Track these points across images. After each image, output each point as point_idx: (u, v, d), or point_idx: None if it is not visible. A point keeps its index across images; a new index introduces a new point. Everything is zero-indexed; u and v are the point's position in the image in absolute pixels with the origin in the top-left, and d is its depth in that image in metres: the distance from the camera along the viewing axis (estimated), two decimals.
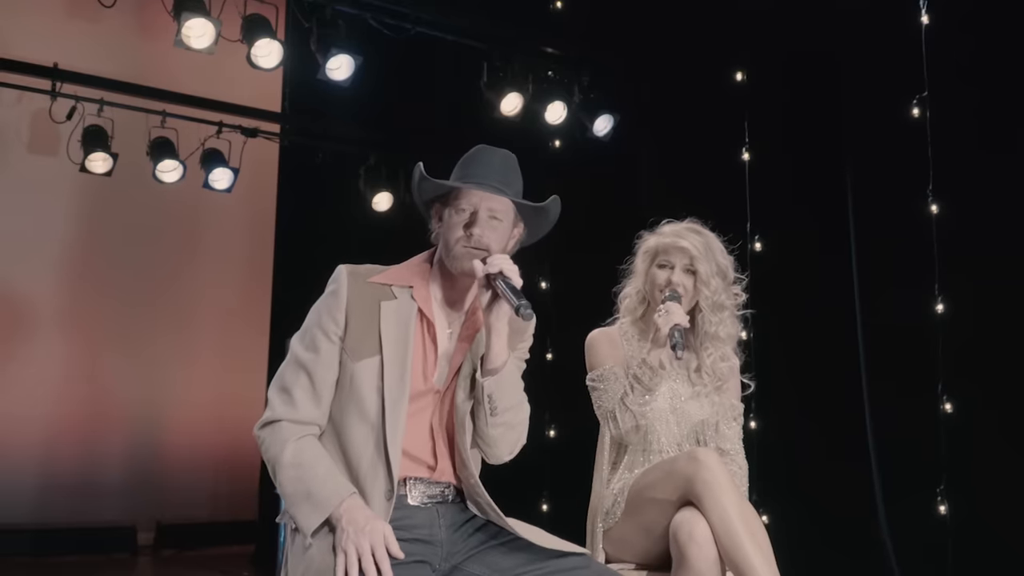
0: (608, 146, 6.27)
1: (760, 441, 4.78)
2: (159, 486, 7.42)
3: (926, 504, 4.42)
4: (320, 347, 2.34)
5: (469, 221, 2.37)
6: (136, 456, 7.44)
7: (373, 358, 2.32)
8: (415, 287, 2.42)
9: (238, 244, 8.08)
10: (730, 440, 3.08)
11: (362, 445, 2.29)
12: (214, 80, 6.91)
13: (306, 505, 2.21)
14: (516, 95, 6.16)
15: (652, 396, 2.97)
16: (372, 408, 2.30)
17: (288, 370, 2.37)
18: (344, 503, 2.20)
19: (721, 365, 3.10)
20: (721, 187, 5.33)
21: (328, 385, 2.34)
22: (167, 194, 7.14)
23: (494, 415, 2.36)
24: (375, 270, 2.44)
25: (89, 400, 7.37)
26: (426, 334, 2.40)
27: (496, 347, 2.35)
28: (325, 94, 6.19)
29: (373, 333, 2.34)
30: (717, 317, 3.08)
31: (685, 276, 3.06)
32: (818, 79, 5.12)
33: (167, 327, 7.67)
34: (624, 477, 3.00)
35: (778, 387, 4.97)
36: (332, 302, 2.37)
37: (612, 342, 3.14)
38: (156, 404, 7.58)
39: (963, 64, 4.52)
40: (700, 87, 5.56)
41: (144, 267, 7.65)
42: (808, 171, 5.15)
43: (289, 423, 2.31)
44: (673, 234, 3.10)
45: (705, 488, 2.64)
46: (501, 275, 2.31)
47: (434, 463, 2.37)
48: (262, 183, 7.72)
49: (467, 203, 2.38)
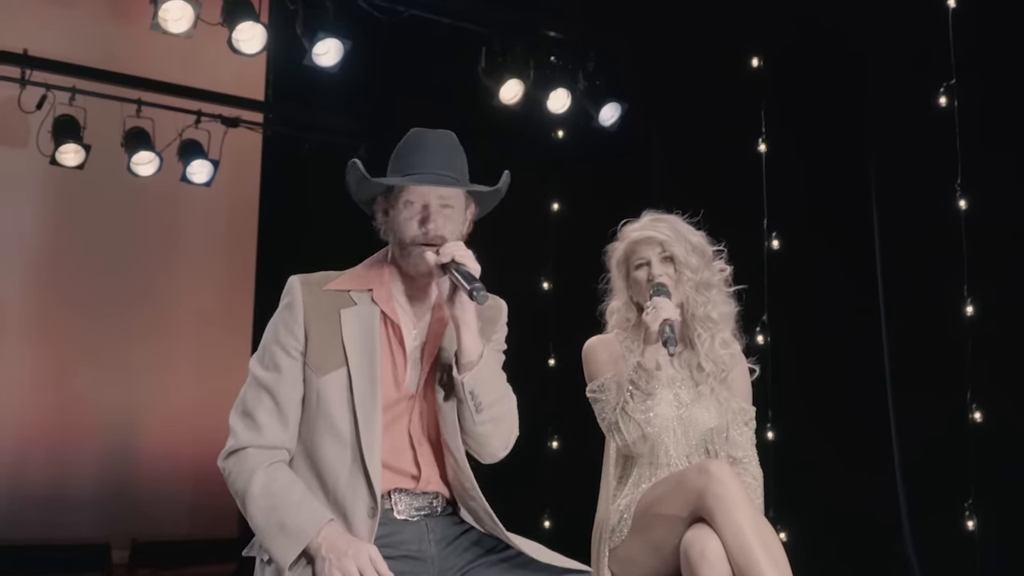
0: (615, 136, 6.28)
1: (777, 452, 4.81)
2: (134, 501, 7.41)
3: (953, 519, 4.45)
4: (281, 365, 2.35)
5: (422, 216, 2.38)
6: (110, 469, 7.44)
7: (339, 370, 2.33)
8: (374, 289, 2.43)
9: (218, 242, 8.08)
10: (742, 447, 3.09)
11: (337, 464, 2.30)
12: (193, 66, 6.92)
13: (280, 537, 2.22)
14: (516, 82, 6.18)
15: (654, 401, 2.98)
16: (344, 424, 2.31)
17: (249, 393, 2.37)
18: (322, 532, 2.21)
19: (721, 352, 3.11)
20: (736, 181, 5.36)
21: (294, 405, 2.35)
22: (142, 188, 7.14)
23: (480, 412, 2.37)
24: (329, 277, 2.45)
25: (59, 408, 7.37)
26: (392, 337, 2.41)
27: (467, 340, 2.37)
28: (311, 81, 6.20)
29: (336, 344, 2.35)
30: (704, 296, 3.10)
31: (664, 265, 3.09)
32: (839, 66, 5.14)
33: (142, 331, 7.68)
34: (631, 492, 3.02)
35: (796, 394, 5.00)
36: (288, 316, 2.38)
37: (611, 349, 3.16)
38: (131, 413, 7.58)
39: (992, 50, 4.54)
40: (713, 73, 5.58)
41: (118, 266, 7.65)
42: (829, 164, 5.17)
43: (256, 450, 2.31)
44: (636, 230, 3.15)
45: (717, 503, 2.65)
46: (453, 263, 2.33)
47: (417, 472, 2.39)
48: (244, 176, 7.72)
49: (416, 197, 2.39)
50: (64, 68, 6.50)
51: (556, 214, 6.55)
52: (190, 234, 8.03)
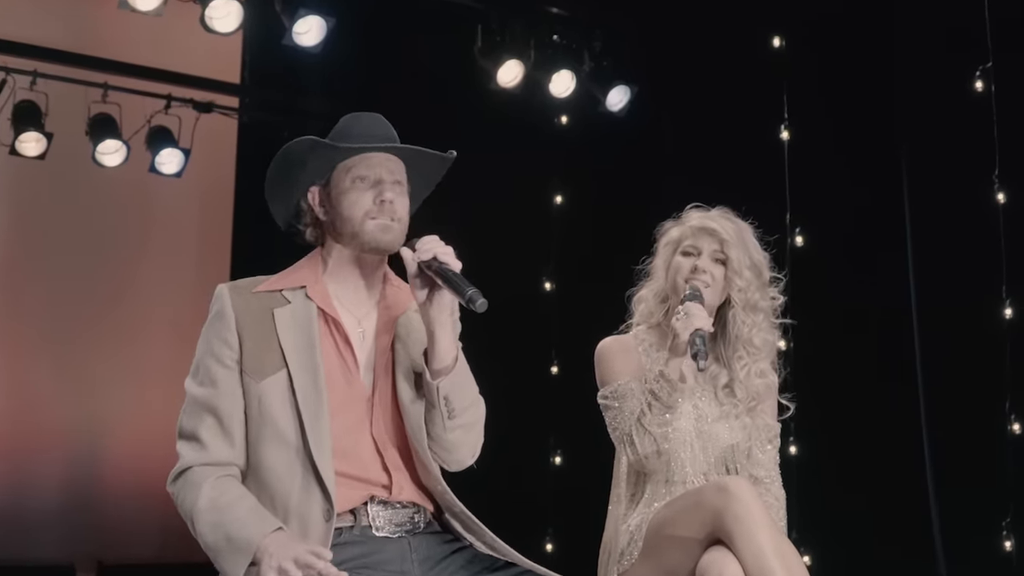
0: (623, 122, 6.28)
1: (801, 468, 4.81)
2: (101, 520, 7.42)
3: (990, 539, 4.46)
4: (217, 378, 2.38)
5: (377, 190, 2.42)
6: (75, 485, 7.44)
7: (279, 373, 2.37)
8: (308, 286, 2.46)
9: (189, 238, 8.07)
10: (764, 466, 3.10)
11: (287, 473, 2.33)
12: (163, 47, 6.91)
13: (228, 552, 2.24)
14: (516, 63, 6.18)
15: (674, 415, 2.98)
16: (289, 427, 2.34)
17: (187, 415, 2.40)
18: (267, 538, 2.22)
19: (757, 382, 3.10)
20: (756, 171, 5.36)
21: (237, 419, 2.37)
22: (108, 179, 7.14)
23: (452, 418, 2.40)
24: (257, 281, 2.49)
25: (18, 420, 7.37)
26: (335, 334, 2.44)
27: (443, 343, 2.39)
28: (292, 62, 6.21)
29: (272, 345, 2.38)
30: (751, 319, 3.10)
31: (713, 265, 3.09)
32: (868, 46, 5.15)
33: (107, 336, 7.68)
34: (643, 512, 3.02)
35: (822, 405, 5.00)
36: (219, 325, 2.41)
37: (627, 352, 3.15)
38: (97, 425, 7.58)
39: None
40: (731, 54, 5.58)
41: (81, 265, 7.64)
42: (857, 154, 5.18)
43: (202, 467, 2.35)
44: (701, 218, 3.14)
45: (737, 523, 2.66)
46: (435, 260, 2.35)
47: (388, 480, 2.40)
48: (218, 166, 7.71)
49: (367, 170, 2.43)
50: (24, 50, 6.50)
51: (559, 208, 6.54)
52: (159, 231, 8.02)
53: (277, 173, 2.51)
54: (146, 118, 6.93)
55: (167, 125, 6.93)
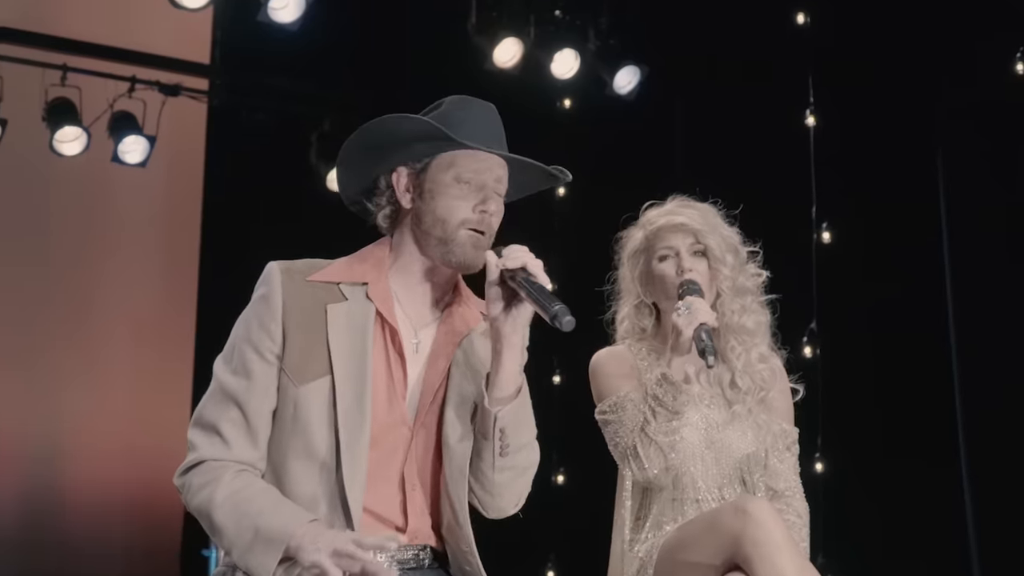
0: (632, 106, 6.28)
1: (827, 486, 4.81)
2: (61, 537, 7.42)
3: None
4: (252, 370, 2.32)
5: (482, 197, 2.36)
6: (31, 500, 7.44)
7: (322, 379, 2.30)
8: (370, 283, 2.39)
9: (155, 233, 8.07)
10: (784, 476, 3.10)
11: (311, 495, 2.28)
12: (125, 25, 6.92)
13: (257, 545, 2.18)
14: (514, 41, 6.18)
15: (680, 421, 2.97)
16: (323, 445, 2.28)
17: (211, 403, 2.34)
18: (302, 527, 2.17)
19: (759, 367, 3.11)
20: (778, 161, 5.36)
21: (264, 419, 2.32)
22: (67, 170, 7.14)
23: (504, 455, 2.34)
24: (316, 265, 2.41)
25: None
26: (390, 345, 2.37)
27: (511, 366, 2.33)
28: (266, 40, 6.20)
29: (320, 346, 2.32)
30: (740, 302, 3.11)
31: (696, 260, 3.09)
32: (904, 21, 5.13)
33: (65, 339, 7.67)
34: (652, 535, 3.01)
35: (851, 418, 5.00)
36: (263, 310, 2.34)
37: (623, 362, 3.16)
38: (55, 436, 7.57)
39: None
40: (750, 31, 5.58)
41: (37, 262, 7.64)
42: (891, 140, 5.17)
43: (218, 463, 2.29)
44: (663, 215, 3.14)
45: (756, 548, 2.66)
46: (523, 271, 2.29)
47: (404, 524, 2.36)
48: (186, 155, 7.71)
49: (471, 173, 2.36)
50: None
51: (561, 200, 6.54)
52: (122, 225, 8.02)
53: (364, 142, 2.41)
54: (108, 102, 6.92)
55: (131, 110, 6.93)
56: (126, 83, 6.91)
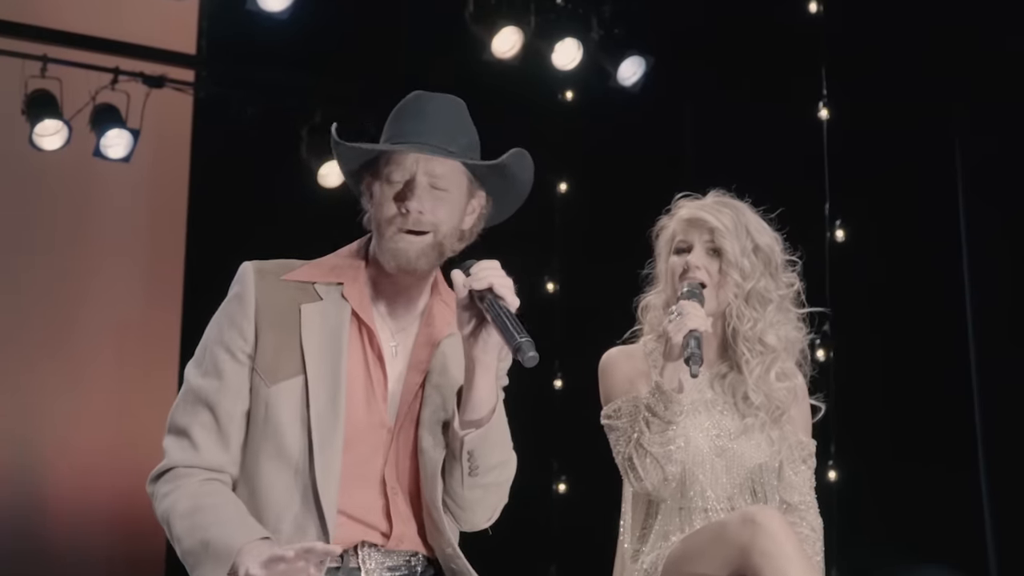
0: (637, 99, 6.28)
1: (841, 497, 4.81)
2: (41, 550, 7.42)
3: None
4: (224, 370, 2.35)
5: (402, 193, 2.37)
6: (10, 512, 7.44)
7: (295, 379, 2.34)
8: (346, 284, 2.42)
9: (139, 232, 8.07)
10: (799, 490, 3.09)
11: (284, 496, 2.30)
12: (108, 14, 6.92)
13: (204, 559, 2.21)
14: (514, 30, 6.17)
15: (675, 431, 2.94)
16: (295, 446, 2.31)
17: (182, 407, 2.38)
18: (249, 545, 2.18)
19: (777, 386, 3.07)
20: (789, 156, 5.36)
21: (236, 421, 2.35)
22: (47, 165, 7.14)
23: (473, 475, 2.35)
24: (290, 265, 2.45)
25: None
26: (367, 346, 2.41)
27: (481, 391, 2.33)
28: (255, 29, 6.20)
29: (293, 346, 2.35)
30: (755, 312, 3.07)
31: (708, 259, 3.08)
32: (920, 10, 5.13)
33: (45, 343, 7.67)
34: (657, 547, 3.00)
35: (868, 424, 5.00)
36: (236, 309, 2.38)
37: (634, 365, 3.14)
38: (34, 446, 7.57)
39: None
40: (760, 20, 5.57)
41: (15, 262, 7.64)
42: (908, 133, 5.17)
43: (188, 469, 2.33)
44: (690, 208, 3.13)
45: (765, 561, 2.66)
46: (490, 292, 2.29)
47: (388, 528, 2.37)
48: (171, 149, 7.71)
49: (399, 170, 2.38)
50: None
51: (563, 197, 6.54)
52: (104, 223, 8.02)
53: (335, 152, 2.47)
54: (90, 95, 6.93)
55: (114, 103, 6.93)
56: (109, 74, 6.91)
